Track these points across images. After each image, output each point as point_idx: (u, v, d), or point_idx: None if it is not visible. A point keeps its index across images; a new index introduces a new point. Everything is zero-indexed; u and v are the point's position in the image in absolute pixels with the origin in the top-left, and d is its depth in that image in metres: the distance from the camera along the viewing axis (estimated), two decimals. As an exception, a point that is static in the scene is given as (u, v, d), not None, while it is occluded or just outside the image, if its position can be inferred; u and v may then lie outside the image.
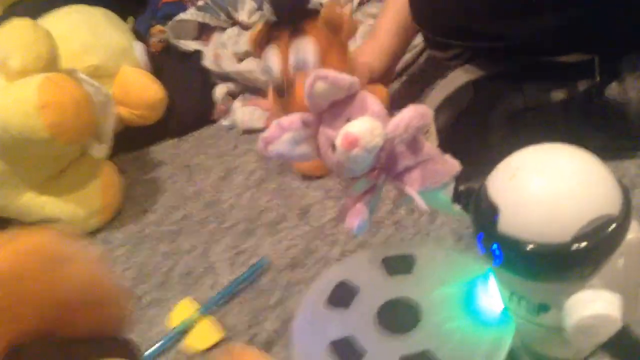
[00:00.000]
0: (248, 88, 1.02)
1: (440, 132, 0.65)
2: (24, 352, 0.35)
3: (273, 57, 0.73)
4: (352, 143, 0.43)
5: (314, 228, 0.72)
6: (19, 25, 0.82)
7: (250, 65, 0.98)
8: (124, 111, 0.97)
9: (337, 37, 0.72)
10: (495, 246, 0.37)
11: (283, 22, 0.73)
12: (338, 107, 0.46)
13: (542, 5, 0.59)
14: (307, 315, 0.50)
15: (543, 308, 0.38)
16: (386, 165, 0.47)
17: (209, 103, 1.03)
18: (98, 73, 0.94)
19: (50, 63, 0.81)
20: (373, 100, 0.46)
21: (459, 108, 0.68)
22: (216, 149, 0.97)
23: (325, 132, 0.46)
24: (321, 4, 0.75)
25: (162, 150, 1.03)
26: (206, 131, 1.04)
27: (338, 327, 0.47)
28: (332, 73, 0.44)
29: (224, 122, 1.02)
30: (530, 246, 0.35)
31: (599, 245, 0.34)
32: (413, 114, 0.43)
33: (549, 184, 0.36)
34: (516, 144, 0.62)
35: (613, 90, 0.63)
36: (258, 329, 0.60)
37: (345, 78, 0.44)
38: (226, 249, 0.73)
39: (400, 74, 0.94)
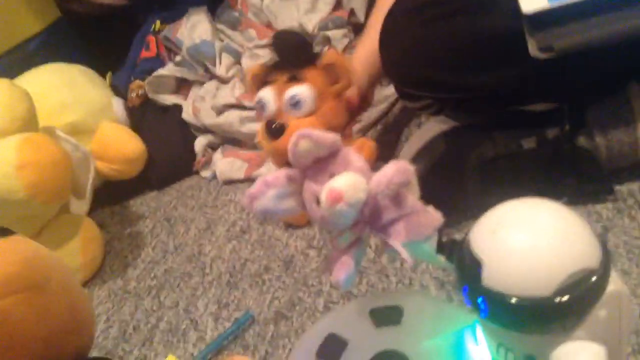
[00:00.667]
0: (227, 140, 1.03)
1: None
2: None
3: (269, 95, 0.74)
4: (336, 198, 0.44)
5: (297, 279, 0.72)
6: (-4, 86, 0.82)
7: (229, 118, 0.99)
8: (103, 166, 0.97)
9: (335, 86, 0.75)
10: (480, 299, 0.38)
11: (284, 64, 0.75)
12: (322, 163, 0.47)
13: (503, 57, 0.62)
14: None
15: (529, 360, 0.38)
16: (370, 219, 0.47)
17: (189, 155, 1.04)
18: (77, 130, 0.95)
19: (29, 123, 0.81)
20: (356, 156, 0.47)
21: (433, 158, 0.70)
22: (197, 201, 0.98)
23: (309, 187, 0.47)
24: (319, 52, 0.78)
25: (143, 203, 1.03)
26: (186, 183, 1.05)
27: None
28: (315, 132, 0.45)
29: (204, 174, 1.03)
30: (514, 299, 0.36)
31: (580, 297, 0.35)
32: (395, 171, 0.45)
33: (529, 238, 0.37)
34: (491, 192, 0.64)
35: (581, 137, 0.65)
36: (245, 386, 0.59)
37: (328, 137, 0.46)
38: (209, 303, 0.73)
39: (376, 124, 0.97)
